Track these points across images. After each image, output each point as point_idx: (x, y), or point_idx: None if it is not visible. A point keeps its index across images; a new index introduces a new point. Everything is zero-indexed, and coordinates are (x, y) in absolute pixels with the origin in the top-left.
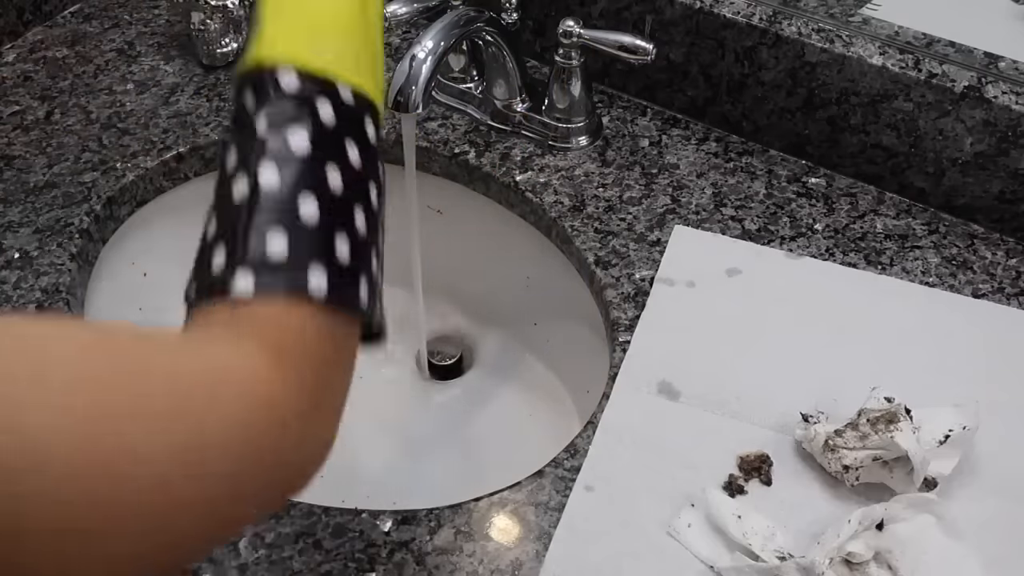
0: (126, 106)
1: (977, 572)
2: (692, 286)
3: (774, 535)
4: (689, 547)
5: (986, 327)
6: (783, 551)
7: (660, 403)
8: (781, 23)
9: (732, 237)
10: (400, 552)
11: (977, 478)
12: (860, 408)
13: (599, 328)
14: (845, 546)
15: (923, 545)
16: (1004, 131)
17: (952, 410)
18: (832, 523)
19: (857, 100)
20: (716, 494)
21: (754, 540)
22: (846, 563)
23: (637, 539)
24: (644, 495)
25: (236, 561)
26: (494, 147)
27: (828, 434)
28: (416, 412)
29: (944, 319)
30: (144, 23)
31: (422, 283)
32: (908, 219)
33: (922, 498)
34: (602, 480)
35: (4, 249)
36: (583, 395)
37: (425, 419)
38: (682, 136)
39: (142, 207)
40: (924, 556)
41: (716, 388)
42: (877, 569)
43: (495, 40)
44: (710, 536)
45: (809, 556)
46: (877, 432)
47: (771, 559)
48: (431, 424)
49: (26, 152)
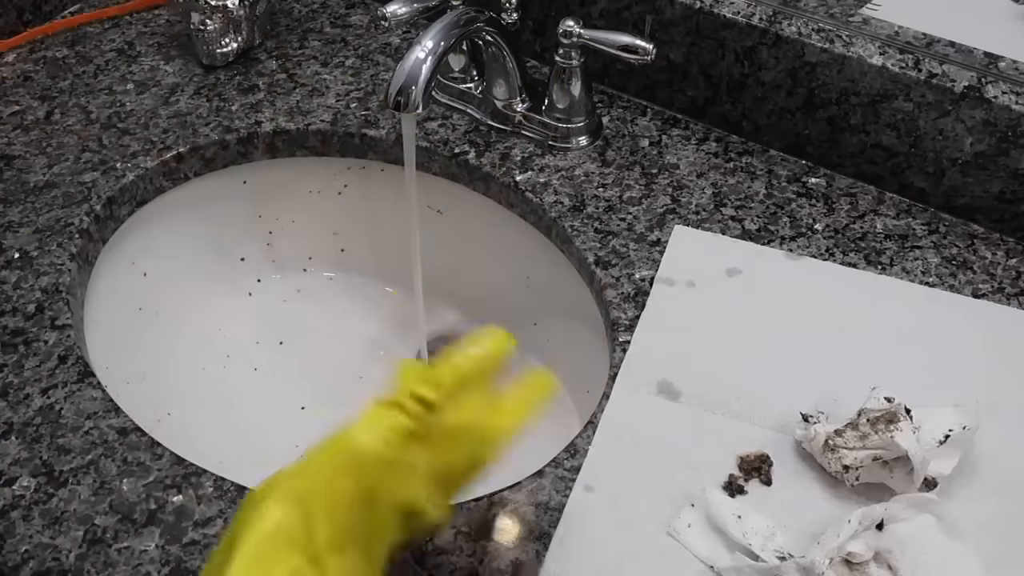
0: (126, 106)
1: (977, 572)
2: (692, 286)
3: (774, 535)
4: (689, 547)
5: (986, 327)
6: (783, 551)
7: (660, 403)
8: (781, 23)
9: (732, 237)
10: (400, 552)
11: (977, 478)
12: (860, 408)
13: (599, 328)
14: (845, 546)
15: (923, 545)
16: (1004, 131)
17: (952, 410)
18: (832, 523)
19: (857, 100)
20: (716, 494)
21: (754, 540)
22: (846, 563)
23: (637, 539)
24: (644, 495)
25: None
26: (494, 147)
27: (828, 434)
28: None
29: (944, 319)
30: (144, 23)
31: (422, 283)
32: (908, 219)
33: (922, 498)
34: (602, 480)
35: (4, 249)
36: (583, 395)
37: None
38: (682, 136)
39: (142, 207)
40: (924, 556)
41: (716, 388)
42: (877, 569)
43: (495, 40)
44: (710, 536)
45: (809, 556)
46: (877, 432)
47: (771, 559)
48: None
49: (26, 152)
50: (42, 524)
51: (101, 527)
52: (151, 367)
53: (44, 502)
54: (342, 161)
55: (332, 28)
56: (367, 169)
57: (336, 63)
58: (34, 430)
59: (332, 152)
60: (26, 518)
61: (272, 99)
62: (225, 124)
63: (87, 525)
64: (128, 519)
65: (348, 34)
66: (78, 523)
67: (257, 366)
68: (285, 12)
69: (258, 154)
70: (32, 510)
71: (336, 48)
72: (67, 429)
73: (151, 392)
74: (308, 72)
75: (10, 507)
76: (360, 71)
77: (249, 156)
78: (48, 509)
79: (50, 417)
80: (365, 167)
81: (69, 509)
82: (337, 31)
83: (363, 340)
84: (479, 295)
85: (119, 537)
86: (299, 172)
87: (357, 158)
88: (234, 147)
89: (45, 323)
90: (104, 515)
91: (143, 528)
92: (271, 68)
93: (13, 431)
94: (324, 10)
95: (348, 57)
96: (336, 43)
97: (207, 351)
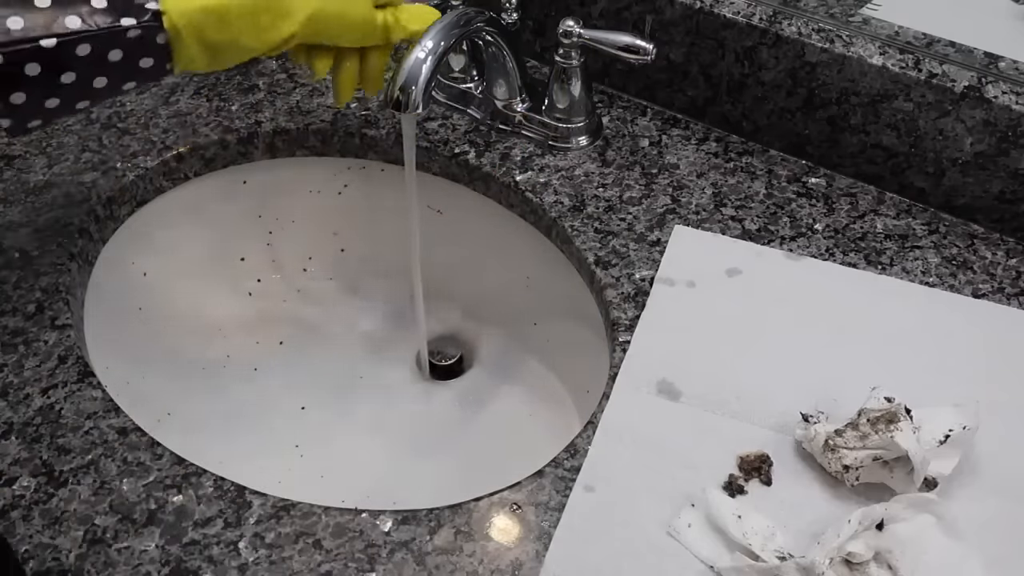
0: (126, 106)
1: (978, 572)
2: (692, 286)
3: (774, 535)
4: (689, 547)
5: (986, 327)
6: (783, 551)
7: (660, 403)
8: (781, 23)
9: (732, 237)
10: (400, 552)
11: (977, 478)
12: (860, 408)
13: (599, 328)
14: (845, 546)
15: (923, 545)
16: (1004, 131)
17: (952, 410)
18: (832, 523)
19: (857, 100)
20: (716, 494)
21: (754, 540)
22: (846, 563)
23: (637, 539)
24: (644, 495)
25: (236, 561)
26: (494, 147)
27: (828, 434)
28: (416, 412)
29: (944, 319)
30: None
31: (422, 283)
32: (908, 219)
33: (922, 498)
34: (602, 480)
35: (4, 249)
36: (583, 395)
37: (425, 419)
38: (682, 136)
39: (142, 207)
40: (924, 556)
41: (716, 388)
42: (877, 569)
43: (495, 40)
44: (710, 536)
45: (809, 556)
46: (877, 432)
47: (771, 559)
48: (431, 424)
49: (26, 152)
50: (42, 524)
51: (101, 527)
52: (151, 367)
53: (44, 502)
54: (342, 161)
55: None
56: (367, 169)
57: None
58: (34, 430)
59: (332, 152)
60: (26, 518)
61: (272, 99)
62: (225, 124)
63: (87, 525)
64: (128, 519)
65: None
66: (78, 523)
67: (257, 366)
68: None
69: (258, 154)
70: (32, 510)
71: None
72: (67, 429)
73: (151, 392)
74: (308, 72)
75: (10, 507)
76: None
77: (249, 156)
78: (48, 509)
79: (50, 417)
80: (365, 167)
81: (69, 509)
82: None
83: (363, 340)
84: (479, 295)
85: (119, 537)
86: (299, 172)
87: (357, 158)
88: (234, 147)
89: (45, 323)
90: (104, 515)
91: (143, 528)
92: (271, 68)
93: (13, 431)
94: None
95: None
96: None
97: (207, 351)
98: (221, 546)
